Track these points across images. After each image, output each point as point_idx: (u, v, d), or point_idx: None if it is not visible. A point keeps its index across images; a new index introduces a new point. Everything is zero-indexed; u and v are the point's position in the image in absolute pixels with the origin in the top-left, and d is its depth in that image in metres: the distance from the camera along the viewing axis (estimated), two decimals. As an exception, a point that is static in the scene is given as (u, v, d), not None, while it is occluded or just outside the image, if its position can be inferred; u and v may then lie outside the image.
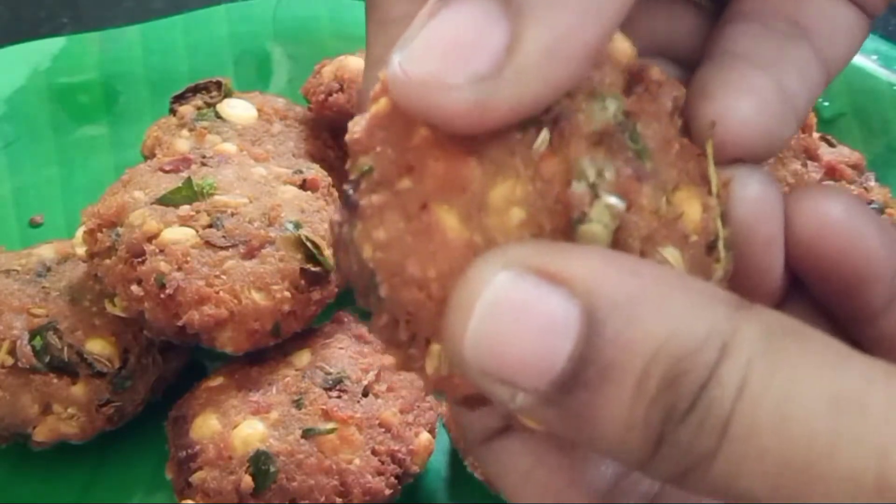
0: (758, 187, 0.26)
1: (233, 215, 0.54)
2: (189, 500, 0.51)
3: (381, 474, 0.51)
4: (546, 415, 0.22)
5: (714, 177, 0.26)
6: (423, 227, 0.23)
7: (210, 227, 0.54)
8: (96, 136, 0.74)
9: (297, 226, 0.55)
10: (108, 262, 0.53)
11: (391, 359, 0.59)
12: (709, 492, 0.22)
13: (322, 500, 0.49)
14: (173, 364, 0.59)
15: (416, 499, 0.57)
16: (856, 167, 0.63)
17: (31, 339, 0.54)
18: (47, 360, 0.54)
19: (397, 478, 0.52)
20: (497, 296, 0.22)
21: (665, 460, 0.22)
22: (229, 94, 0.66)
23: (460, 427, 0.33)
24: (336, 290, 0.56)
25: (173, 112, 0.66)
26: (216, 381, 0.55)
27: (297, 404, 0.52)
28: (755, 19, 0.29)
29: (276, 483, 0.49)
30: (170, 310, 0.52)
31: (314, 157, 0.66)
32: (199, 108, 0.65)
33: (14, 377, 0.54)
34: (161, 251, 0.52)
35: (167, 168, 0.57)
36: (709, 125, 0.26)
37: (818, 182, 0.60)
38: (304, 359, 0.55)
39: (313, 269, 0.54)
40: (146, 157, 0.64)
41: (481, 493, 0.54)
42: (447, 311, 0.23)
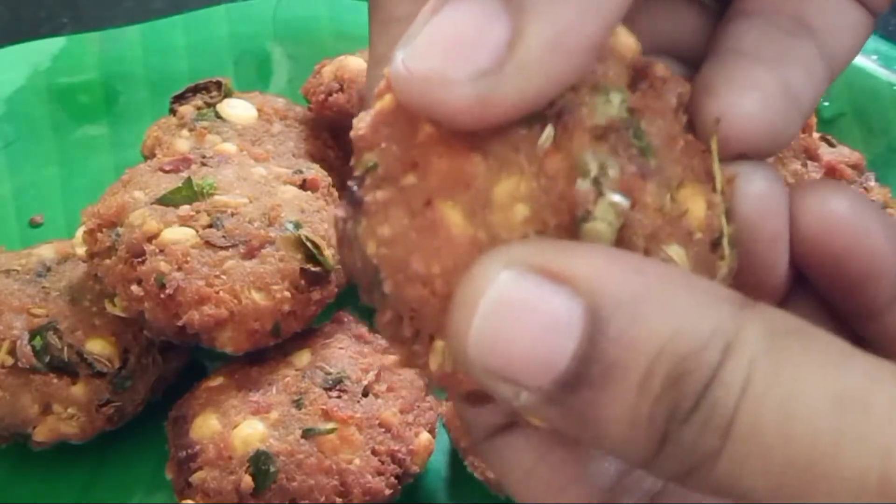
0: (763, 183, 0.26)
1: (233, 215, 0.54)
2: (189, 500, 0.51)
3: (381, 474, 0.51)
4: (550, 413, 0.22)
5: (719, 173, 0.26)
6: (428, 223, 0.23)
7: (210, 227, 0.54)
8: (96, 136, 0.74)
9: (297, 226, 0.55)
10: (108, 262, 0.53)
11: (391, 359, 0.60)
12: (712, 490, 0.22)
13: (322, 500, 0.49)
14: (173, 364, 0.59)
15: (416, 499, 0.57)
16: (856, 167, 0.63)
17: (31, 339, 0.54)
18: (47, 360, 0.54)
19: (397, 478, 0.52)
20: (500, 295, 0.22)
21: (669, 459, 0.22)
22: (229, 94, 0.66)
23: (464, 423, 0.33)
24: (336, 290, 0.56)
25: (173, 112, 0.66)
26: (216, 381, 0.55)
27: (297, 404, 0.52)
28: (759, 16, 0.29)
29: (276, 483, 0.49)
30: (170, 310, 0.52)
31: (314, 157, 0.66)
32: (199, 108, 0.65)
33: (14, 377, 0.54)
34: (161, 251, 0.52)
35: (167, 168, 0.57)
36: (713, 122, 0.26)
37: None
38: (304, 359, 0.55)
39: (313, 269, 0.54)
40: (146, 157, 0.64)
41: (481, 493, 0.54)
42: (451, 310, 0.23)
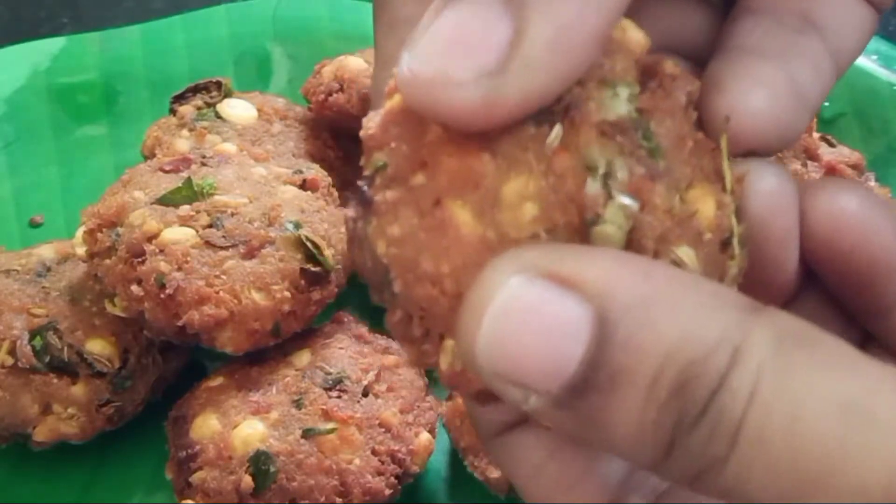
0: (773, 181, 0.26)
1: (233, 215, 0.54)
2: (189, 500, 0.51)
3: (381, 474, 0.51)
4: (558, 417, 0.22)
5: (728, 172, 0.26)
6: (437, 222, 0.23)
7: (210, 227, 0.54)
8: (96, 136, 0.74)
9: (297, 226, 0.55)
10: (108, 262, 0.53)
11: (391, 359, 0.60)
12: (719, 495, 0.22)
13: (322, 500, 0.49)
14: (173, 364, 0.59)
15: (416, 499, 0.57)
16: (856, 167, 0.63)
17: (31, 339, 0.54)
18: (47, 360, 0.54)
19: (397, 478, 0.52)
20: (509, 300, 0.22)
21: (676, 464, 0.22)
22: (229, 94, 0.66)
23: (472, 421, 0.33)
24: (336, 290, 0.56)
25: (173, 112, 0.66)
26: (216, 381, 0.55)
27: (297, 404, 0.52)
28: (765, 13, 0.29)
29: (276, 483, 0.49)
30: (170, 310, 0.52)
31: (314, 157, 0.66)
32: (199, 108, 0.65)
33: (14, 377, 0.54)
34: (161, 251, 0.52)
35: (167, 168, 0.57)
36: (723, 120, 0.26)
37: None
38: (304, 359, 0.55)
39: (313, 269, 0.54)
40: (146, 157, 0.64)
41: (481, 493, 0.54)
42: (460, 314, 0.23)
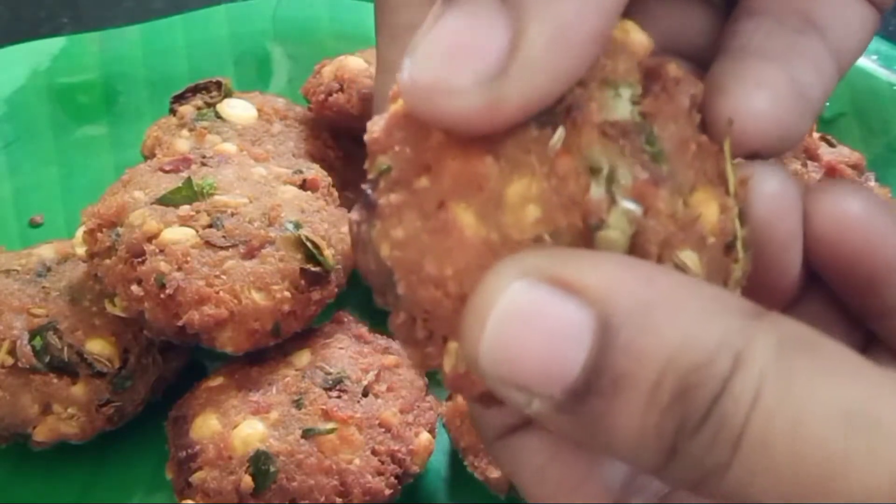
0: (777, 183, 0.26)
1: (233, 215, 0.54)
2: (189, 500, 0.51)
3: (381, 474, 0.51)
4: (561, 421, 0.23)
5: (731, 175, 0.26)
6: (441, 225, 0.23)
7: (210, 227, 0.54)
8: (96, 136, 0.74)
9: (297, 226, 0.55)
10: (108, 262, 0.53)
11: (391, 359, 0.60)
12: (722, 499, 0.22)
13: (322, 500, 0.49)
14: (173, 364, 0.59)
15: (416, 499, 0.57)
16: (856, 167, 0.63)
17: (31, 339, 0.54)
18: (47, 360, 0.54)
19: (397, 478, 0.52)
20: (512, 304, 0.22)
21: (678, 468, 0.22)
22: (229, 94, 0.66)
23: (475, 423, 0.33)
24: (336, 290, 0.56)
25: (173, 112, 0.66)
26: (216, 381, 0.55)
27: (297, 404, 0.52)
28: (767, 15, 0.29)
29: (276, 483, 0.49)
30: (170, 310, 0.52)
31: (314, 157, 0.66)
32: (199, 108, 0.65)
33: (14, 377, 0.54)
34: (161, 251, 0.52)
35: (167, 168, 0.57)
36: (726, 123, 0.26)
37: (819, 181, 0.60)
38: (304, 359, 0.55)
39: (313, 269, 0.54)
40: (146, 157, 0.64)
41: (481, 493, 0.54)
42: (463, 319, 0.23)
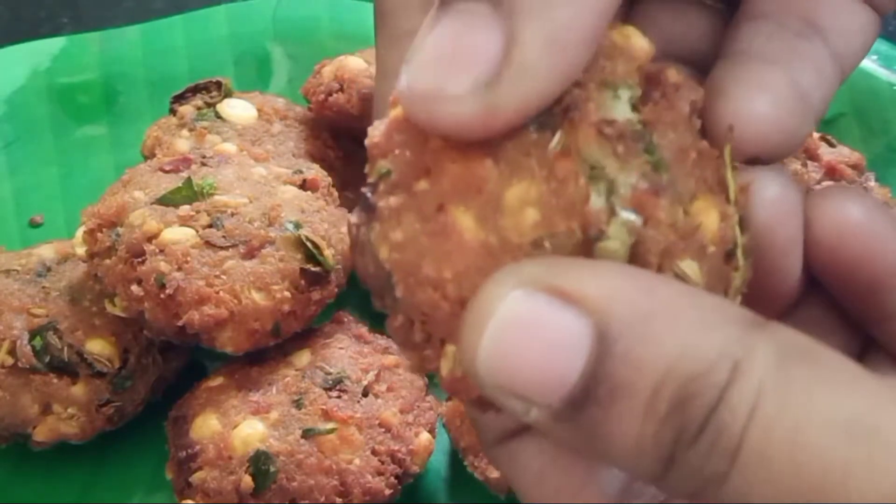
0: (778, 189, 0.26)
1: (233, 215, 0.54)
2: (189, 500, 0.51)
3: (381, 474, 0.51)
4: (559, 429, 0.23)
5: (732, 182, 0.26)
6: (440, 227, 0.23)
7: (210, 227, 0.54)
8: (96, 136, 0.74)
9: (297, 226, 0.55)
10: (108, 262, 0.53)
11: (391, 359, 0.60)
12: None
13: (322, 500, 0.49)
14: (173, 364, 0.59)
15: (416, 499, 0.57)
16: (856, 167, 0.63)
17: (31, 339, 0.54)
18: (47, 360, 0.54)
19: (397, 478, 0.52)
20: (510, 313, 0.22)
21: (676, 478, 0.22)
22: (229, 94, 0.66)
23: (475, 427, 0.33)
24: (336, 290, 0.56)
25: (173, 112, 0.66)
26: (216, 381, 0.55)
27: (297, 404, 0.52)
28: (768, 18, 0.29)
29: (276, 483, 0.49)
30: (170, 310, 0.52)
31: (314, 157, 0.66)
32: (199, 108, 0.65)
33: (14, 377, 0.54)
34: (161, 251, 0.52)
35: (167, 168, 0.57)
36: (726, 129, 0.26)
37: (818, 182, 0.60)
38: (304, 359, 0.55)
39: (313, 269, 0.54)
40: (146, 157, 0.64)
41: (481, 493, 0.54)
42: (461, 327, 0.23)
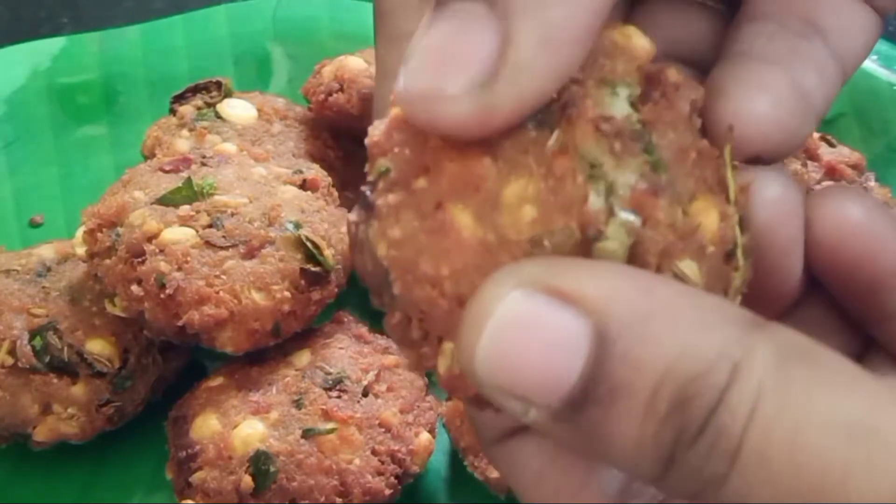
0: (778, 189, 0.26)
1: (233, 215, 0.54)
2: (189, 500, 0.51)
3: (381, 474, 0.51)
4: (558, 430, 0.23)
5: (732, 183, 0.26)
6: (438, 225, 0.23)
7: (210, 227, 0.54)
8: (96, 136, 0.74)
9: (297, 226, 0.55)
10: (108, 262, 0.53)
11: (391, 359, 0.60)
12: None
13: (322, 500, 0.49)
14: (173, 364, 0.59)
15: (416, 499, 0.57)
16: (856, 167, 0.63)
17: (31, 339, 0.54)
18: (47, 360, 0.54)
19: (397, 478, 0.52)
20: (509, 314, 0.22)
21: (676, 479, 0.22)
22: (229, 94, 0.66)
23: (473, 426, 0.33)
24: (336, 290, 0.56)
25: (173, 112, 0.66)
26: (216, 381, 0.55)
27: (297, 404, 0.52)
28: (769, 19, 0.29)
29: (276, 483, 0.49)
30: (170, 310, 0.52)
31: (314, 157, 0.66)
32: (199, 108, 0.65)
33: (14, 377, 0.54)
34: (161, 251, 0.52)
35: (167, 168, 0.57)
36: (727, 129, 0.26)
37: (818, 182, 0.60)
38: (304, 359, 0.55)
39: (313, 269, 0.54)
40: (146, 157, 0.64)
41: (481, 493, 0.54)
42: (460, 327, 0.23)
